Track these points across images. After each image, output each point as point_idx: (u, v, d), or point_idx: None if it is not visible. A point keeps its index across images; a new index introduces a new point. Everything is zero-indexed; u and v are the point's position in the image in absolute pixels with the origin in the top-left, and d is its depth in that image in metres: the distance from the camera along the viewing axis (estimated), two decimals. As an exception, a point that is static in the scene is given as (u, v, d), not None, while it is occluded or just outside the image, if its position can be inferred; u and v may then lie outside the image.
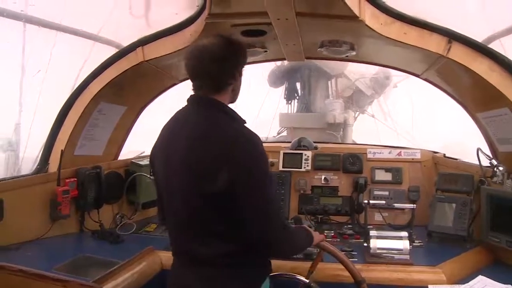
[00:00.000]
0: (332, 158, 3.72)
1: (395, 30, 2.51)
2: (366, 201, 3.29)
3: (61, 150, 3.01)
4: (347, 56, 3.08)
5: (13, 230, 2.71)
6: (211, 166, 1.84)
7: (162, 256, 2.75)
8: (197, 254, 1.94)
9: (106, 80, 3.05)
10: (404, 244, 2.62)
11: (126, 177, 3.54)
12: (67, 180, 3.05)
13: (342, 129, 11.09)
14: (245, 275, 1.96)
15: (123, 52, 3.03)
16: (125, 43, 3.05)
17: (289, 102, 12.46)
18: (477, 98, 2.88)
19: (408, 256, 2.61)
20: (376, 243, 2.65)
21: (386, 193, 3.55)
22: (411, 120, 13.73)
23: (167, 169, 2.00)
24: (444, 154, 3.65)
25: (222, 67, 1.95)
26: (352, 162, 3.66)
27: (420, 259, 2.66)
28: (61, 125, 3.12)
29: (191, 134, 1.92)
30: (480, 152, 2.86)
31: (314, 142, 3.97)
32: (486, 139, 3.01)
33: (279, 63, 11.54)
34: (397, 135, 12.70)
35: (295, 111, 12.28)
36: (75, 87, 3.15)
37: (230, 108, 2.01)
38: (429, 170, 3.59)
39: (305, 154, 3.74)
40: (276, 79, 12.38)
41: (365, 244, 2.73)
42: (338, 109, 10.92)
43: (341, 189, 3.66)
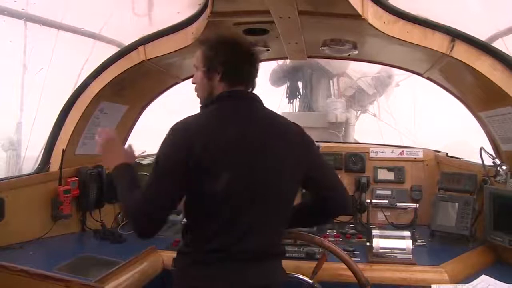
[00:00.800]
0: (334, 157, 3.68)
1: (398, 29, 2.49)
2: (369, 201, 3.28)
3: (63, 149, 3.01)
4: (350, 55, 3.08)
5: (15, 230, 2.70)
6: (298, 156, 1.95)
7: (164, 256, 2.74)
8: (271, 247, 1.95)
9: (108, 79, 3.04)
10: (407, 244, 2.61)
11: (128, 176, 3.51)
12: (69, 180, 3.05)
13: (344, 128, 11.09)
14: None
15: (125, 51, 3.02)
16: (127, 42, 3.04)
17: (291, 101, 12.44)
18: (480, 97, 2.87)
19: (411, 256, 2.59)
20: (379, 243, 2.64)
21: (389, 193, 3.53)
22: (413, 119, 13.73)
23: (257, 165, 1.85)
24: (447, 154, 3.64)
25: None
26: (354, 162, 3.64)
27: (423, 259, 2.64)
28: (63, 124, 3.11)
29: (275, 130, 1.96)
30: (483, 151, 2.84)
31: (316, 142, 3.95)
32: (489, 138, 3.00)
33: (281, 62, 11.52)
34: (399, 134, 12.70)
35: (297, 110, 12.25)
36: (77, 86, 3.14)
37: None
38: (432, 169, 3.57)
39: (307, 154, 3.71)
40: (278, 78, 12.35)
41: (368, 244, 2.72)
42: (340, 108, 10.91)
43: (344, 188, 3.64)
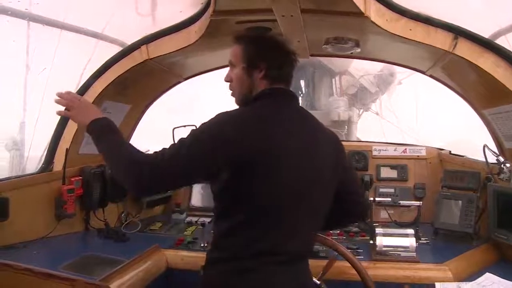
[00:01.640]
0: (337, 156, 3.68)
1: (401, 27, 2.49)
2: (372, 199, 3.28)
3: (66, 149, 3.02)
4: (352, 53, 3.06)
5: (19, 229, 2.71)
6: (335, 157, 1.98)
7: (168, 255, 2.75)
8: (309, 248, 1.97)
9: (110, 79, 3.04)
10: (410, 242, 2.61)
11: (131, 176, 3.50)
12: (72, 179, 3.05)
13: (347, 127, 11.05)
14: None
15: (128, 50, 3.02)
16: (130, 41, 3.04)
17: (294, 100, 12.39)
18: (483, 94, 2.87)
19: (415, 254, 2.60)
20: (382, 241, 2.64)
21: (392, 191, 3.53)
22: (416, 117, 13.68)
23: (304, 166, 1.83)
24: (450, 151, 3.63)
25: None
26: (357, 160, 3.65)
27: (427, 257, 2.65)
28: (66, 124, 3.11)
29: (317, 131, 1.97)
30: (487, 149, 2.84)
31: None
32: (493, 136, 2.99)
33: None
34: (402, 132, 12.65)
35: (299, 109, 12.19)
36: (80, 86, 3.14)
37: None
38: (435, 167, 3.57)
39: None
40: (280, 77, 12.30)
41: (371, 242, 2.73)
42: (343, 107, 10.87)
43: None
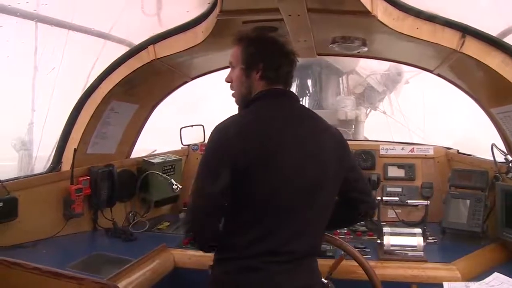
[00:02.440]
0: (345, 155, 3.68)
1: (408, 25, 2.47)
2: (379, 198, 3.26)
3: (74, 149, 3.03)
4: (359, 52, 3.05)
5: (28, 228, 2.73)
6: (340, 157, 1.96)
7: (175, 254, 2.76)
8: (315, 248, 1.97)
9: (118, 79, 3.05)
10: (418, 241, 2.61)
11: (139, 175, 3.53)
12: (80, 179, 3.07)
13: (354, 126, 11.04)
14: None
15: (135, 51, 3.03)
16: (137, 42, 3.05)
17: (301, 99, 12.37)
18: (491, 93, 2.85)
19: (422, 253, 2.59)
20: (390, 240, 2.64)
21: (399, 190, 3.52)
22: (423, 116, 13.63)
23: (307, 166, 1.85)
24: (458, 150, 3.62)
25: None
26: (365, 159, 3.64)
27: (434, 256, 2.64)
28: (74, 124, 3.13)
29: (319, 131, 1.97)
30: (495, 148, 2.83)
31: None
32: (501, 135, 2.97)
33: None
34: (409, 132, 12.61)
35: (307, 108, 12.18)
36: (87, 86, 3.16)
37: None
38: (443, 166, 3.56)
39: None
40: (287, 76, 12.30)
41: (379, 241, 2.73)
42: (350, 106, 10.86)
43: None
